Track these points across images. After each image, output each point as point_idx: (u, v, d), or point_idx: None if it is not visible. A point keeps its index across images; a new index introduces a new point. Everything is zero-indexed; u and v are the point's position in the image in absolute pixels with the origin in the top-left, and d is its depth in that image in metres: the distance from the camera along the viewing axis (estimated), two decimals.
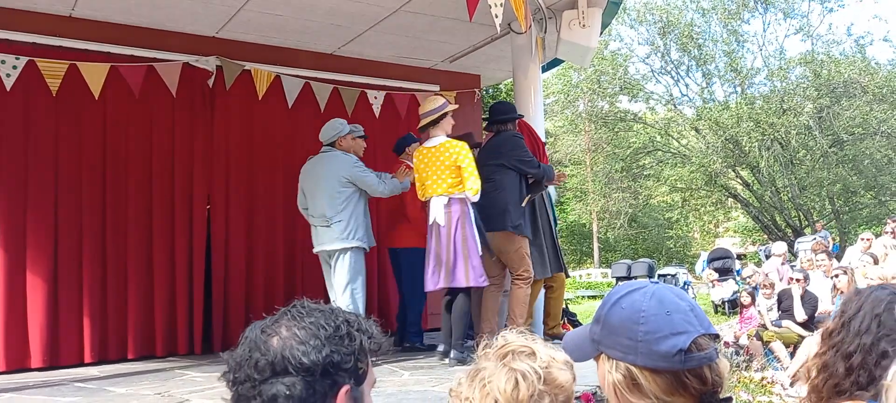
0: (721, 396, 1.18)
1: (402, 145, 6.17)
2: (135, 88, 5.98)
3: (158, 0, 5.77)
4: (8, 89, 5.50)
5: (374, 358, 1.24)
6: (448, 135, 5.06)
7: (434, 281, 4.91)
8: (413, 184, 5.53)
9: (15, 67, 5.51)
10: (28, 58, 5.60)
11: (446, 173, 4.86)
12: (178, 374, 5.14)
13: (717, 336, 1.21)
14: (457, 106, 5.38)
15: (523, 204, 5.37)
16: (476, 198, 4.83)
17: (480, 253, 4.89)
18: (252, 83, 6.57)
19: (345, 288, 5.14)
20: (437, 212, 4.86)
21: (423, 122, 5.05)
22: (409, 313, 6.05)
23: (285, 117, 6.86)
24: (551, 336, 5.72)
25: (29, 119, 5.76)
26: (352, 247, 5.17)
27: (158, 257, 6.17)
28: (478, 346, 1.38)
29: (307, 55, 7.05)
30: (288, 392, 1.10)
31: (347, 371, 1.16)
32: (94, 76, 5.78)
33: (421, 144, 5.29)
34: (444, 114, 5.00)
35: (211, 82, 6.47)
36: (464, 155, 4.83)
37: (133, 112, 6.16)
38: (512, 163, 5.23)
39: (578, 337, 1.30)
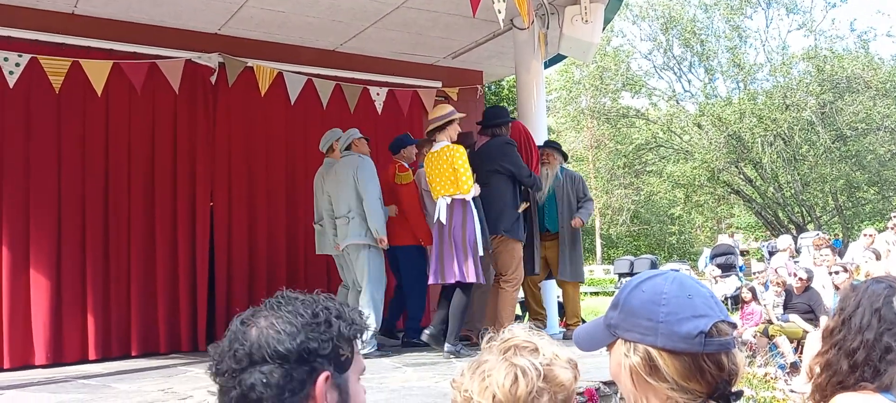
0: (733, 389, 1.18)
1: (399, 146, 6.15)
2: (137, 85, 5.98)
3: None
4: (11, 86, 5.50)
5: (369, 349, 1.23)
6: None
7: (435, 277, 5.19)
8: (407, 186, 5.87)
9: (18, 65, 5.51)
10: (31, 55, 5.60)
11: (447, 175, 5.15)
12: (181, 371, 5.15)
13: (734, 326, 1.21)
14: (464, 115, 5.50)
15: (519, 210, 5.62)
16: (470, 196, 5.09)
17: (481, 252, 5.14)
18: (254, 80, 6.57)
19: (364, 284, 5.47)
20: (441, 211, 5.13)
21: (430, 128, 5.31)
22: (409, 310, 6.10)
23: (288, 114, 6.86)
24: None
25: (32, 116, 5.76)
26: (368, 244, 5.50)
27: (161, 253, 6.18)
28: (480, 340, 1.39)
29: (309, 52, 7.05)
30: (265, 380, 1.10)
31: (326, 357, 1.15)
32: (97, 73, 5.78)
33: (420, 147, 5.64)
34: (451, 121, 5.27)
35: (213, 79, 6.47)
36: (458, 156, 5.12)
37: (136, 109, 6.17)
38: (505, 171, 5.50)
39: (590, 327, 1.30)
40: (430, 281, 5.27)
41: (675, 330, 1.15)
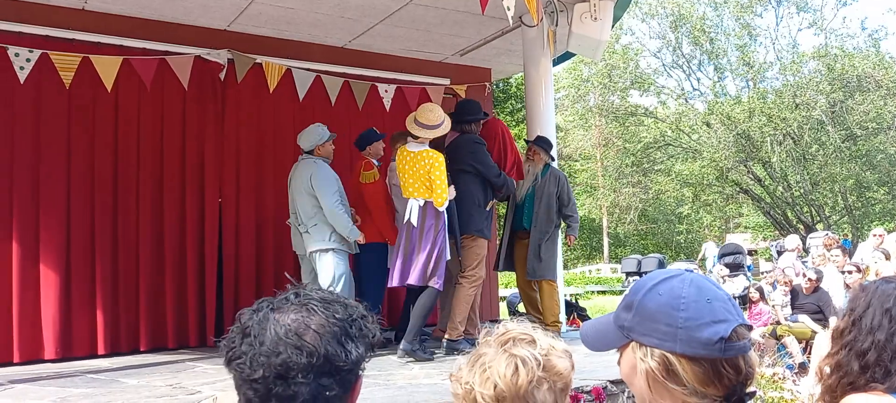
0: (748, 390, 1.17)
1: (365, 142, 5.93)
2: (147, 81, 6.00)
3: None
4: (22, 82, 5.52)
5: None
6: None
7: (399, 278, 5.09)
8: (372, 184, 5.74)
9: (29, 60, 5.53)
10: (41, 50, 5.62)
11: (422, 179, 5.07)
12: (190, 366, 5.17)
13: (750, 328, 1.20)
14: (448, 130, 5.42)
15: (487, 208, 5.57)
16: (443, 208, 5.04)
17: (449, 257, 5.10)
18: (263, 76, 6.58)
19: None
20: (412, 213, 5.04)
21: (423, 134, 5.15)
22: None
23: (296, 110, 6.87)
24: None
25: (42, 111, 5.79)
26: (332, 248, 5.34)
27: (170, 249, 6.20)
28: (441, 340, 1.42)
29: (318, 49, 7.05)
30: (328, 394, 1.11)
31: (365, 364, 1.19)
32: (107, 69, 5.79)
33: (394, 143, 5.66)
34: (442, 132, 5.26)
35: (222, 75, 6.48)
36: (437, 166, 5.04)
37: (145, 104, 6.19)
38: (473, 168, 5.45)
39: (600, 326, 1.27)
40: (395, 282, 5.13)
41: (694, 335, 1.12)
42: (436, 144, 5.35)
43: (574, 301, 11.11)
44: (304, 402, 1.09)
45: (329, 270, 5.27)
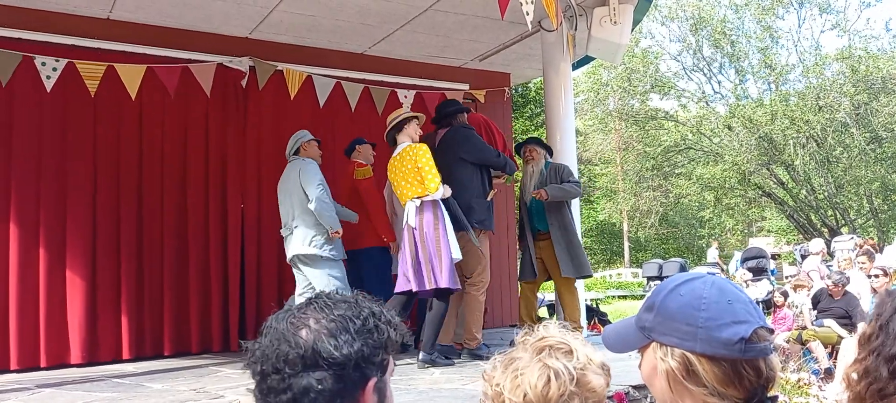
0: (769, 394, 1.17)
1: (351, 149, 5.94)
2: (170, 89, 6.07)
3: (193, 2, 5.86)
4: (48, 90, 5.62)
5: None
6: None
7: (404, 283, 4.86)
8: (367, 180, 5.64)
9: (55, 69, 5.63)
10: (67, 59, 5.71)
11: (412, 176, 4.90)
12: (213, 371, 5.21)
13: (772, 331, 1.20)
14: (421, 115, 5.32)
15: (489, 198, 5.38)
16: (438, 195, 4.83)
17: (454, 256, 4.84)
18: (284, 83, 6.64)
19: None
20: (410, 215, 4.88)
21: (387, 130, 5.13)
22: None
23: (317, 116, 6.91)
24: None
25: (68, 119, 5.89)
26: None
27: (193, 255, 6.27)
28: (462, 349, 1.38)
29: (338, 55, 7.10)
30: (319, 387, 1.10)
31: (375, 364, 1.16)
32: (131, 77, 5.88)
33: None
34: (409, 120, 5.09)
35: (244, 82, 6.55)
36: (421, 154, 4.88)
37: (168, 112, 6.28)
38: (470, 158, 5.26)
39: (621, 328, 1.28)
40: (399, 289, 4.91)
41: (714, 335, 1.13)
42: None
43: (595, 305, 11.06)
44: (295, 395, 1.11)
45: (324, 278, 5.09)
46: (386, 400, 1.20)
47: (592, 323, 7.79)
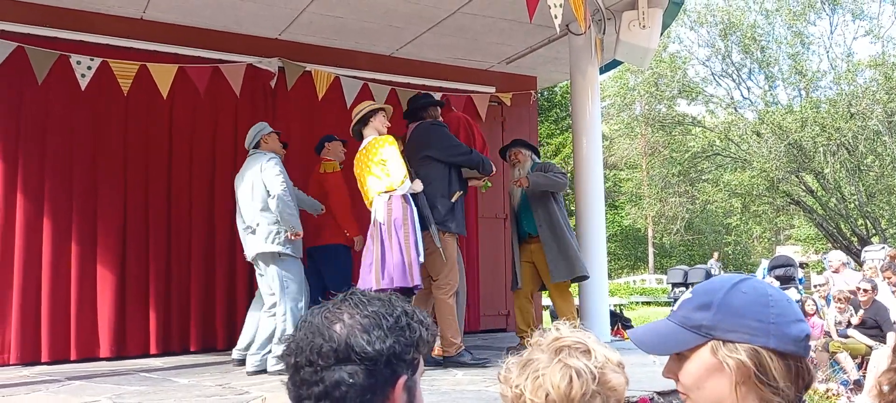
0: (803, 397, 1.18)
1: (320, 146, 5.91)
2: (201, 88, 6.16)
3: (224, 3, 5.94)
4: (83, 89, 5.72)
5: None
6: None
7: (369, 281, 4.60)
8: (333, 174, 5.56)
9: (90, 68, 5.73)
10: (101, 59, 5.82)
11: (378, 169, 4.68)
12: (238, 367, 5.26)
13: (809, 336, 1.21)
14: (390, 107, 5.13)
15: (452, 200, 5.05)
16: (404, 189, 4.63)
17: (420, 254, 4.63)
18: (312, 84, 6.70)
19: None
20: (377, 212, 4.68)
21: (352, 125, 4.96)
22: None
23: (344, 117, 6.92)
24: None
25: (100, 118, 6.00)
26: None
27: (220, 252, 6.34)
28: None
29: (365, 57, 7.15)
30: (350, 380, 1.12)
31: (406, 362, 1.18)
32: (163, 76, 5.97)
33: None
34: (374, 112, 4.88)
35: (273, 83, 6.63)
36: (386, 145, 4.67)
37: (198, 111, 6.37)
38: (437, 155, 5.02)
39: (661, 330, 1.24)
40: (364, 286, 4.53)
41: (785, 331, 1.14)
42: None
43: (618, 310, 10.97)
44: (327, 387, 1.13)
45: (279, 276, 4.89)
46: (415, 399, 1.21)
47: (616, 328, 7.73)
